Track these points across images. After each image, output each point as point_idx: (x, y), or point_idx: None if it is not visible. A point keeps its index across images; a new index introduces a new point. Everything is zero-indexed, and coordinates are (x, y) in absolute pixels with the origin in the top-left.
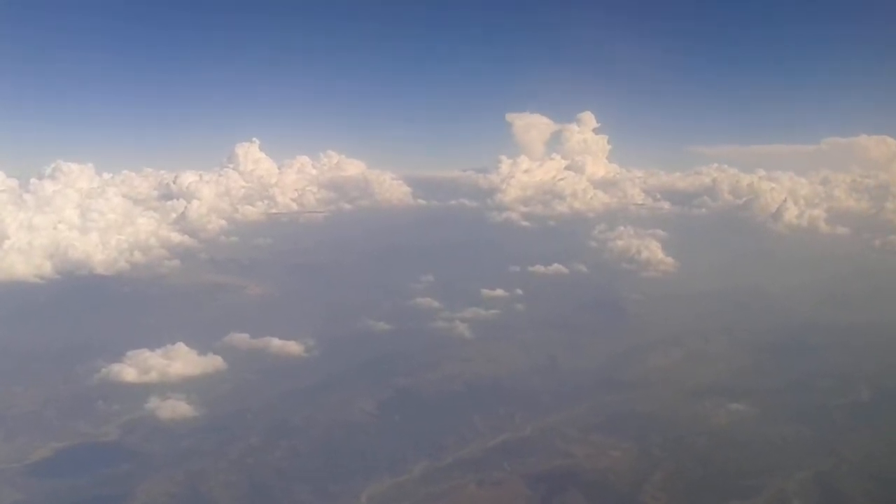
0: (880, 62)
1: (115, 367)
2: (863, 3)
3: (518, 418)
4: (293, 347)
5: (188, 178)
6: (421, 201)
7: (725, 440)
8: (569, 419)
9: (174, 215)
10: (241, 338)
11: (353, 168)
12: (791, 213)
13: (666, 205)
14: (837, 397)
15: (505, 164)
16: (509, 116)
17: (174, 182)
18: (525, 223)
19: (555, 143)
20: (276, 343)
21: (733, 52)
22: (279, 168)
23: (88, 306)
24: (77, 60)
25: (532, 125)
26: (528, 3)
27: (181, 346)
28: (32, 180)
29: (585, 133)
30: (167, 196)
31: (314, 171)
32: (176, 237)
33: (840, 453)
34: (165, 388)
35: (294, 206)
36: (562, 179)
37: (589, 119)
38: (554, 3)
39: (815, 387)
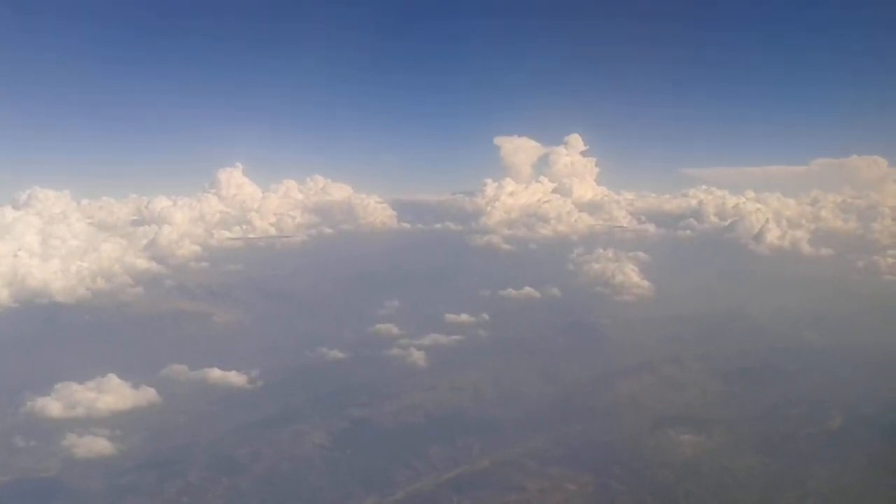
0: (872, 83)
1: (41, 401)
2: (854, 26)
3: (476, 450)
4: (235, 379)
5: (161, 203)
6: (405, 225)
7: (689, 472)
8: (530, 450)
9: (145, 241)
10: (179, 369)
11: (340, 192)
12: (773, 234)
13: (651, 227)
14: (808, 426)
15: (490, 188)
16: (497, 140)
17: (146, 207)
18: (506, 246)
19: (542, 165)
20: (215, 374)
21: (725, 75)
22: (265, 192)
23: (41, 335)
24: (65, 85)
25: (520, 148)
26: (517, 28)
27: (113, 379)
28: None
29: (573, 156)
30: (140, 222)
31: (300, 196)
32: (142, 263)
33: (806, 485)
34: (90, 423)
35: (272, 231)
36: (547, 202)
37: (576, 142)
38: (543, 27)
39: (786, 415)
